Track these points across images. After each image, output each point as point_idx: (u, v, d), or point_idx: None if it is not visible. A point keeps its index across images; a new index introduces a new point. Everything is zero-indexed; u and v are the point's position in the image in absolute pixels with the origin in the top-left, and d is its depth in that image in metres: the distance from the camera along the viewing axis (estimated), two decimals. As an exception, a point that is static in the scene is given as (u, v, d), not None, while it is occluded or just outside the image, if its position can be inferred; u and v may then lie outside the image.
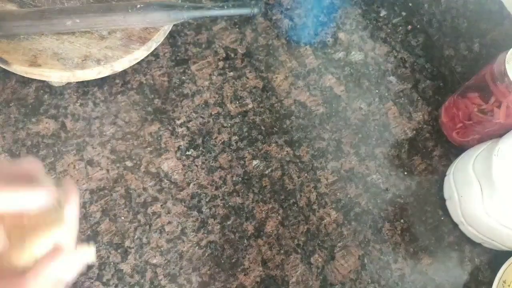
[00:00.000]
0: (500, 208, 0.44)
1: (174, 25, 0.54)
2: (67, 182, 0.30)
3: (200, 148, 0.52)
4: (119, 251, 0.46)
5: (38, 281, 0.25)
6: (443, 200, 0.52)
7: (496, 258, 0.49)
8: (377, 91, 0.58)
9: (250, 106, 0.55)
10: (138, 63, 0.51)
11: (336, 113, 0.56)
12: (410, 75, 0.60)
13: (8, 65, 0.47)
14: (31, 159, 0.29)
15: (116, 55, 0.49)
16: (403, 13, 0.64)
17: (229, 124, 0.54)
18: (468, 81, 0.52)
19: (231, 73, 0.57)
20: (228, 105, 0.55)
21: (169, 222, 0.48)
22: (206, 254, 0.47)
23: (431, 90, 0.59)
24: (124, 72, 0.53)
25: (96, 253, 0.46)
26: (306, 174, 0.52)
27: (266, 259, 0.48)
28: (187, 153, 0.52)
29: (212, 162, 0.51)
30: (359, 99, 0.58)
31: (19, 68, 0.47)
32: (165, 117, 0.53)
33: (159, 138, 0.52)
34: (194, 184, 0.50)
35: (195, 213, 0.49)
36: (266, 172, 0.52)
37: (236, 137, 0.53)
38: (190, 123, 0.53)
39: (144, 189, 0.49)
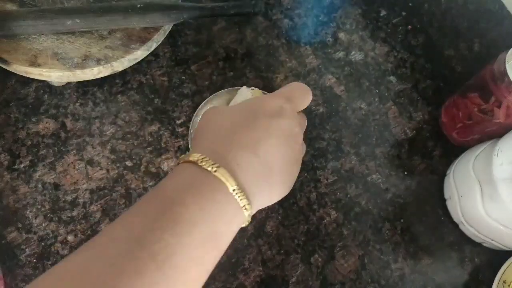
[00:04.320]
0: (500, 208, 0.44)
1: (174, 25, 0.54)
2: None
3: (200, 148, 0.52)
4: (119, 251, 0.46)
5: None
6: (443, 200, 0.52)
7: (496, 258, 0.49)
8: (377, 91, 0.58)
9: (250, 106, 0.55)
10: (138, 63, 0.51)
11: (336, 113, 0.56)
12: (410, 75, 0.60)
13: (8, 65, 0.47)
14: None
15: (116, 55, 0.49)
16: (403, 13, 0.64)
17: (229, 124, 0.54)
18: (468, 81, 0.52)
19: (231, 73, 0.57)
20: (228, 105, 0.55)
21: (169, 222, 0.48)
22: (206, 254, 0.47)
23: (431, 90, 0.59)
24: (124, 72, 0.53)
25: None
26: (306, 174, 0.52)
27: (266, 259, 0.48)
28: (187, 153, 0.52)
29: (212, 162, 0.51)
30: (359, 99, 0.58)
31: (19, 68, 0.47)
32: (165, 117, 0.53)
33: (159, 138, 0.52)
34: (194, 184, 0.50)
35: (195, 213, 0.49)
36: (266, 172, 0.52)
37: (236, 137, 0.53)
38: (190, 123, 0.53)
39: (144, 189, 0.49)
